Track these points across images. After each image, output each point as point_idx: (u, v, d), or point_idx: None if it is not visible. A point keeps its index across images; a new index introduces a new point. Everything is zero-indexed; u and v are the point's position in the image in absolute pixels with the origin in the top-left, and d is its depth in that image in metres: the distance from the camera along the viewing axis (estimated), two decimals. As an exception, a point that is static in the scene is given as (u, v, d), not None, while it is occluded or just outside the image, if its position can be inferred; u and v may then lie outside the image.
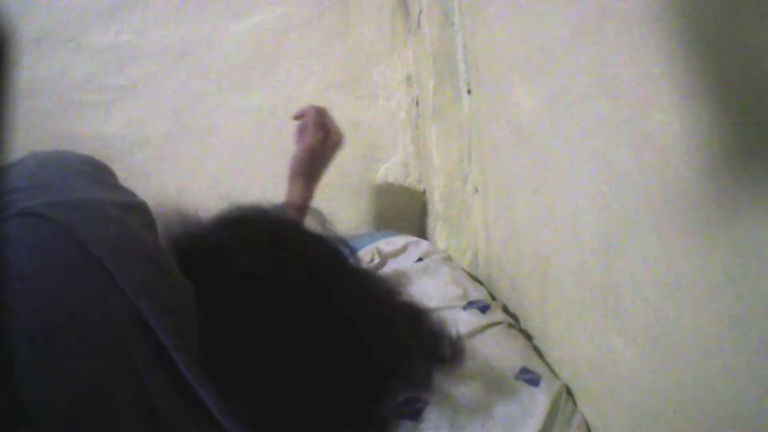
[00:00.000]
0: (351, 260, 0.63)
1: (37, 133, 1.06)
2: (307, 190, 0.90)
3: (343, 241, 0.64)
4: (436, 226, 1.13)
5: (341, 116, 1.21)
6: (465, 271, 0.98)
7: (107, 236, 0.40)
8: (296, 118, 0.94)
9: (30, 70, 1.10)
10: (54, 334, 0.34)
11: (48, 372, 0.33)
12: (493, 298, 0.90)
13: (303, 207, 0.87)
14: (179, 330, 0.41)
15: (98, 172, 0.48)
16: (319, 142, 0.91)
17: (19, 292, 0.34)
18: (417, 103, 1.21)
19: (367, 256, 0.97)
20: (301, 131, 0.93)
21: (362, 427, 0.53)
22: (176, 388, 0.39)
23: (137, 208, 0.46)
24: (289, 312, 0.50)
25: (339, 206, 1.18)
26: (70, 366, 0.34)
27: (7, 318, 0.33)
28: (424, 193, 1.22)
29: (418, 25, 1.13)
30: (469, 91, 1.04)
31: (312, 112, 0.92)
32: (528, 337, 0.81)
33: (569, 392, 0.69)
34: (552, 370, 0.72)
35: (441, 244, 1.09)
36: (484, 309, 0.81)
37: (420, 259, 0.94)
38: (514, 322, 0.82)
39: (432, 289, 0.84)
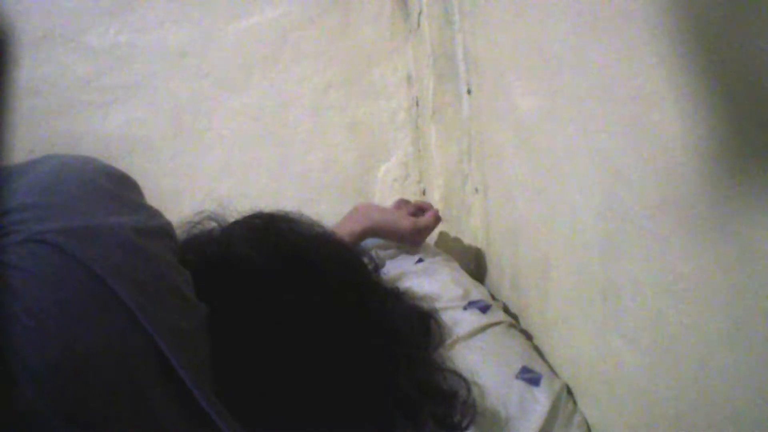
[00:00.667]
0: (374, 278, 0.62)
1: (37, 133, 1.06)
2: (360, 238, 0.91)
3: (370, 256, 0.63)
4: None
5: (341, 116, 1.22)
6: (465, 271, 0.98)
7: (127, 268, 0.37)
8: (416, 203, 1.00)
9: (30, 70, 1.10)
10: (65, 378, 0.32)
11: (57, 414, 0.31)
12: (494, 298, 0.90)
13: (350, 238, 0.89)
14: (197, 362, 0.39)
15: (121, 188, 0.44)
16: (405, 237, 0.94)
17: (30, 330, 0.31)
18: (417, 103, 1.21)
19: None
20: (412, 214, 0.96)
21: None
22: (195, 424, 0.38)
23: (160, 232, 0.43)
24: (312, 336, 0.48)
25: (339, 206, 1.18)
26: (82, 410, 0.32)
27: (15, 356, 0.31)
28: (424, 193, 1.22)
29: (418, 25, 1.13)
30: (469, 91, 1.04)
31: (434, 220, 0.96)
32: (528, 336, 0.81)
33: (570, 392, 0.69)
34: (552, 370, 0.73)
35: (441, 245, 1.09)
36: (484, 309, 0.81)
37: (420, 260, 0.94)
38: (515, 322, 0.82)
39: (433, 290, 0.84)
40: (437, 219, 0.97)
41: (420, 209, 0.98)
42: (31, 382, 0.31)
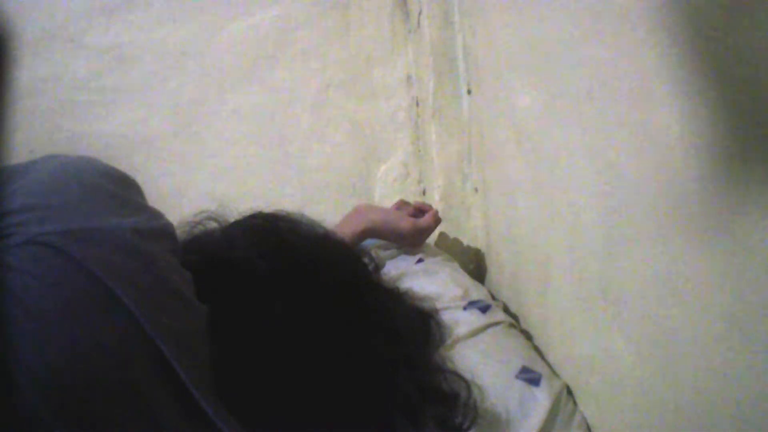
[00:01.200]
0: (375, 278, 0.61)
1: (37, 133, 1.06)
2: (360, 239, 0.92)
3: (370, 256, 0.63)
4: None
5: (341, 116, 1.22)
6: (465, 271, 0.98)
7: (127, 270, 0.37)
8: (416, 204, 1.01)
9: (30, 70, 1.10)
10: (66, 380, 0.32)
11: (58, 418, 0.31)
12: (494, 298, 0.90)
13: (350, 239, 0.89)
14: (197, 363, 0.39)
15: (121, 189, 0.43)
16: (404, 238, 0.95)
17: (30, 333, 0.31)
18: (417, 103, 1.21)
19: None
20: (412, 215, 0.97)
21: None
22: (195, 425, 0.38)
23: (160, 233, 0.43)
24: (313, 337, 0.48)
25: (339, 206, 1.18)
26: (83, 413, 0.32)
27: (15, 358, 0.31)
28: (424, 193, 1.22)
29: (418, 25, 1.13)
30: (469, 91, 1.04)
31: (434, 221, 0.97)
32: (528, 336, 0.81)
33: (570, 392, 0.69)
34: (552, 370, 0.73)
35: (441, 245, 1.09)
36: (484, 309, 0.81)
37: (420, 260, 0.94)
38: (515, 322, 0.82)
39: (433, 290, 0.84)
40: (437, 220, 0.97)
41: (420, 210, 0.99)
42: (32, 384, 0.31)
